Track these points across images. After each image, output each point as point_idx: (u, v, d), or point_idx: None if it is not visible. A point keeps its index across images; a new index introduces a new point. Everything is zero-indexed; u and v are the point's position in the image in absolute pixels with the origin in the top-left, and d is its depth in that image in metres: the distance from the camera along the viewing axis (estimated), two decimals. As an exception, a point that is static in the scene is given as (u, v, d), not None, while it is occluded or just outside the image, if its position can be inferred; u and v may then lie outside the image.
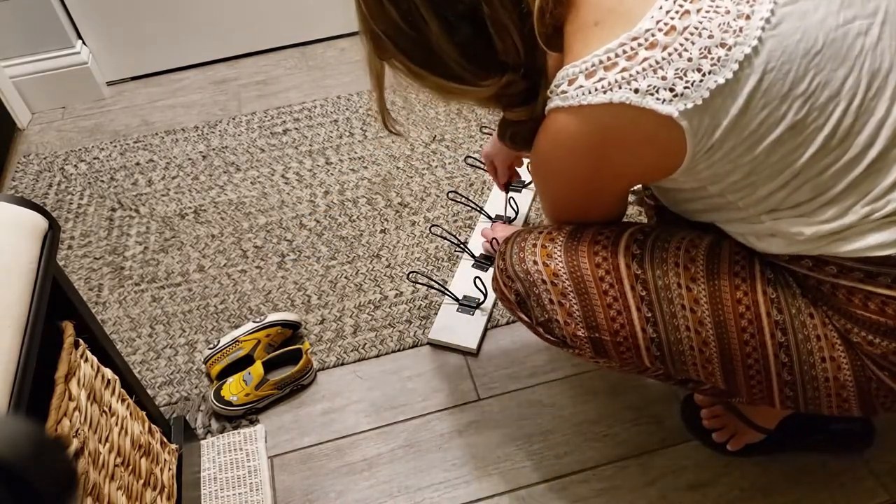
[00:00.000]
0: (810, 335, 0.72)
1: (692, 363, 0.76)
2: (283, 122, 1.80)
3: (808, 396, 0.75)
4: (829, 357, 0.72)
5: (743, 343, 0.73)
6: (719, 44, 0.60)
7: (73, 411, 0.68)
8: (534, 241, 0.81)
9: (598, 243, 0.77)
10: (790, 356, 0.73)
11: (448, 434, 1.10)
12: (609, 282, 0.76)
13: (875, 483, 0.99)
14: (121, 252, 1.47)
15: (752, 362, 0.74)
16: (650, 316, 0.75)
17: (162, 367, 1.24)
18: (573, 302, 0.78)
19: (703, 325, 0.74)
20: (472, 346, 1.20)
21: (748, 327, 0.73)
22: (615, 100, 0.62)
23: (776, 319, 0.72)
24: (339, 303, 1.31)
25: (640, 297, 0.75)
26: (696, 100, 0.61)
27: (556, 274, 0.78)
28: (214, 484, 1.05)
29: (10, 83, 1.85)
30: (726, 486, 1.00)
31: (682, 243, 0.76)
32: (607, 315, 0.77)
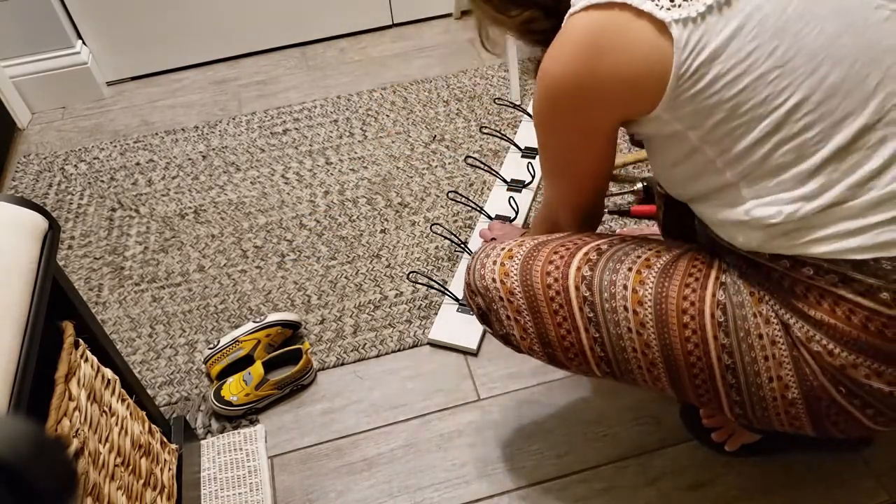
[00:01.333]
0: (758, 356, 0.72)
1: (642, 380, 0.80)
2: (283, 122, 1.80)
3: (757, 413, 0.75)
4: (776, 376, 0.71)
5: (690, 364, 0.75)
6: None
7: (73, 411, 0.68)
8: (494, 258, 0.85)
9: (552, 263, 0.81)
10: (737, 378, 0.73)
11: (448, 434, 1.10)
12: (559, 302, 0.80)
13: (875, 483, 0.99)
14: (121, 252, 1.47)
15: (699, 382, 0.76)
16: (597, 336, 0.79)
17: (162, 367, 1.24)
18: (527, 319, 0.82)
19: (649, 348, 0.76)
20: (472, 346, 1.20)
21: (694, 350, 0.74)
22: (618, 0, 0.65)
23: (723, 343, 0.73)
24: (339, 303, 1.31)
25: (588, 318, 0.78)
26: (692, 12, 0.63)
27: (512, 292, 0.82)
28: (214, 484, 1.05)
29: (10, 83, 1.85)
30: (726, 486, 1.00)
31: (636, 262, 0.78)
32: (558, 333, 0.81)
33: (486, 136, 1.66)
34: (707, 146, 0.69)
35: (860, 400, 0.69)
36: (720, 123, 0.66)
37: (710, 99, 0.65)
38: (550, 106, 0.77)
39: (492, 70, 1.88)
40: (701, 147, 0.69)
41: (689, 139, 0.70)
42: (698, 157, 0.71)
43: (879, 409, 0.69)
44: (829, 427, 0.73)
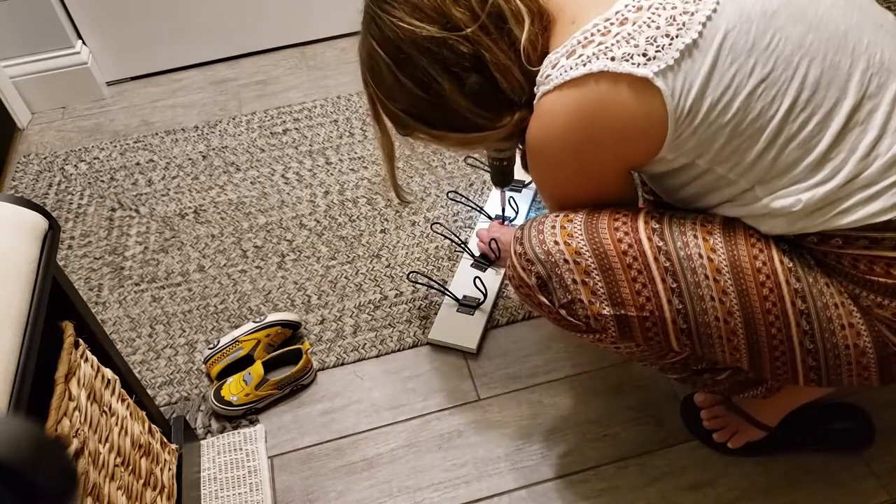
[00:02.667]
0: (828, 303, 0.73)
1: (717, 336, 0.76)
2: (283, 122, 1.80)
3: (829, 365, 0.75)
4: (847, 324, 0.73)
5: (766, 311, 0.74)
6: (682, 12, 0.67)
7: (73, 411, 0.68)
8: (552, 223, 0.80)
9: (616, 219, 0.78)
10: (811, 324, 0.74)
11: (448, 434, 1.10)
12: (633, 255, 0.75)
13: (875, 483, 0.99)
14: (121, 252, 1.47)
15: (775, 331, 0.74)
16: (675, 287, 0.75)
17: (162, 367, 1.24)
18: (597, 280, 0.76)
19: (726, 295, 0.74)
20: (472, 346, 1.20)
21: (770, 295, 0.73)
22: (594, 69, 0.68)
23: (795, 287, 0.73)
24: (339, 303, 1.31)
25: (665, 269, 0.75)
26: (668, 60, 0.66)
27: (579, 252, 0.77)
28: (214, 484, 1.05)
29: (10, 83, 1.85)
30: (726, 486, 1.00)
31: (696, 218, 0.77)
32: (632, 289, 0.76)
33: (486, 136, 1.66)
34: (717, 166, 0.72)
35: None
36: (725, 145, 0.70)
37: (710, 128, 0.69)
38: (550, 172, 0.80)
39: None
40: (711, 168, 0.73)
41: (698, 165, 0.73)
42: (709, 176, 0.74)
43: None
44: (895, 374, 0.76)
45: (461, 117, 0.80)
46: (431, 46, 0.75)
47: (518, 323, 1.24)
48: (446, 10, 0.74)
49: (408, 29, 0.75)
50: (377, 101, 0.85)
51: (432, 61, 0.76)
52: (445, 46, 0.75)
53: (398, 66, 0.78)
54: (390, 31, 0.76)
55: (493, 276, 1.31)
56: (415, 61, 0.76)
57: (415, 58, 0.76)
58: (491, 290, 1.27)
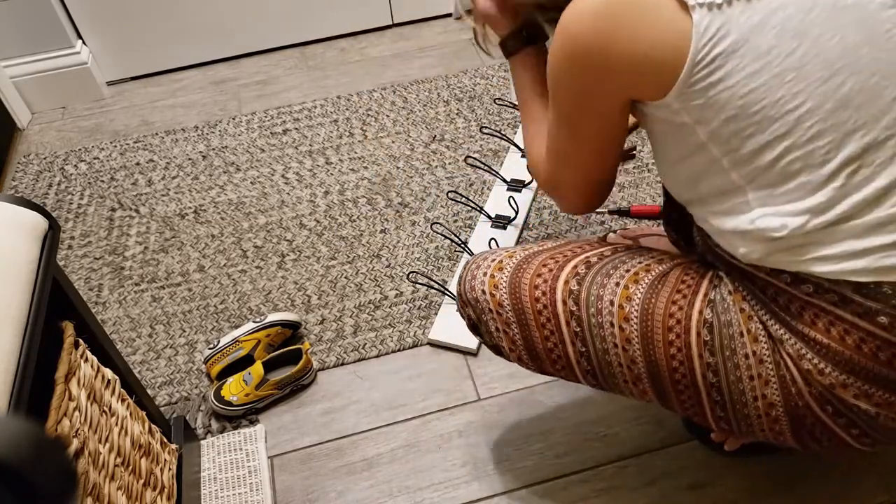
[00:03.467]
0: (743, 376, 0.72)
1: (629, 392, 0.81)
2: (283, 122, 1.80)
3: (738, 417, 0.75)
4: (760, 395, 0.72)
5: (675, 381, 0.76)
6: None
7: (73, 411, 0.68)
8: (485, 270, 0.86)
9: (540, 276, 0.82)
10: (722, 395, 0.74)
11: (448, 434, 1.10)
12: (546, 315, 0.81)
13: (875, 483, 0.99)
14: (121, 252, 1.47)
15: (685, 398, 0.77)
16: (584, 350, 0.80)
17: (162, 367, 1.24)
18: (515, 332, 0.84)
19: (634, 363, 0.77)
20: (472, 346, 1.20)
21: (679, 367, 0.75)
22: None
23: (708, 361, 0.73)
24: (339, 303, 1.31)
25: (574, 333, 0.80)
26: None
27: (501, 305, 0.84)
28: (214, 484, 1.05)
29: (10, 83, 1.85)
30: (726, 486, 1.00)
31: (624, 277, 0.78)
32: (545, 346, 0.83)
33: (486, 136, 1.66)
34: (713, 144, 0.68)
35: (846, 419, 0.69)
36: (729, 121, 0.65)
37: (722, 93, 0.64)
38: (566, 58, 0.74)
39: (492, 70, 1.88)
40: (707, 144, 0.68)
41: (696, 134, 0.68)
42: (704, 154, 0.70)
43: (864, 430, 0.69)
44: (811, 443, 0.74)
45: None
46: None
47: (518, 323, 1.24)
48: None
49: None
50: None
51: None
52: None
53: None
54: None
55: (493, 276, 1.31)
56: None
57: None
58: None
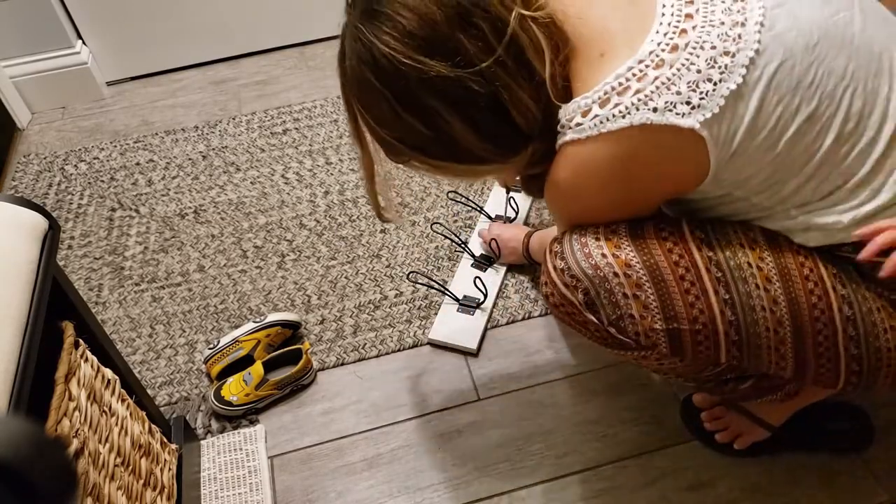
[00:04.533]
0: (872, 307, 0.73)
1: (766, 346, 0.74)
2: (283, 122, 1.80)
3: (871, 368, 0.74)
4: (889, 326, 0.72)
5: (814, 319, 0.72)
6: (723, 52, 0.63)
7: (73, 411, 0.68)
8: (595, 235, 0.76)
9: (662, 230, 0.75)
10: (857, 329, 0.73)
11: (448, 434, 1.10)
12: (685, 266, 0.73)
13: (875, 483, 0.99)
14: (121, 252, 1.47)
15: (822, 339, 0.73)
16: (727, 298, 0.73)
17: (162, 367, 1.24)
18: (649, 293, 0.73)
19: (776, 304, 0.72)
20: (472, 346, 1.20)
21: (818, 303, 0.72)
22: (635, 122, 0.64)
23: (842, 294, 0.72)
24: (339, 303, 1.31)
25: (717, 279, 0.73)
26: (713, 108, 0.63)
27: (629, 264, 0.73)
28: (214, 484, 1.05)
29: (10, 83, 1.85)
30: (726, 486, 1.00)
31: (736, 227, 0.76)
32: (685, 301, 0.73)
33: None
34: (753, 196, 0.71)
35: None
36: (766, 179, 0.69)
37: (752, 166, 0.68)
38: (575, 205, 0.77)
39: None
40: (747, 197, 0.72)
41: (732, 195, 0.72)
42: (742, 203, 0.73)
43: None
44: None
45: (470, 153, 0.72)
46: (440, 85, 0.66)
47: (518, 323, 1.24)
48: (457, 42, 0.65)
49: (413, 66, 0.66)
50: (363, 123, 0.75)
51: (442, 101, 0.68)
52: (457, 85, 0.66)
53: (400, 103, 0.69)
54: (389, 66, 0.67)
55: (494, 276, 1.31)
56: (421, 99, 0.68)
57: (421, 95, 0.67)
58: (491, 289, 1.27)
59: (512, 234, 1.28)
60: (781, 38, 0.64)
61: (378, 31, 0.67)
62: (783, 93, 0.64)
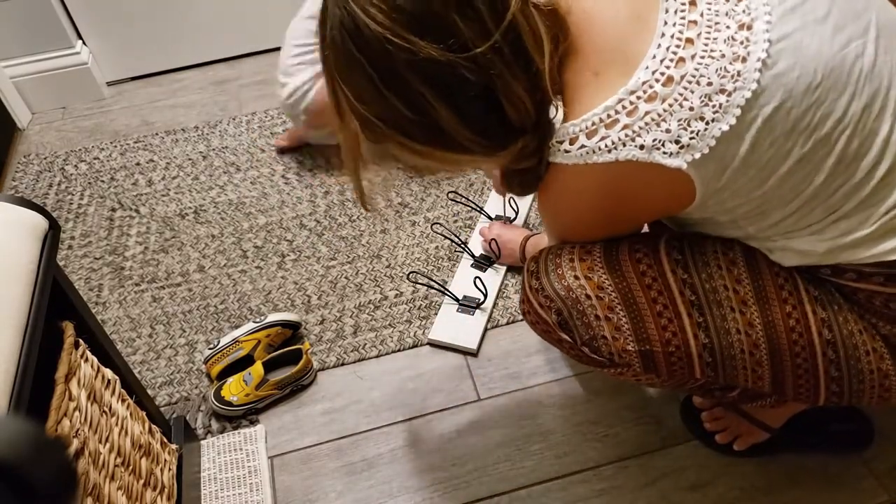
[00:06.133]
0: (853, 330, 0.71)
1: (742, 367, 0.74)
2: (283, 122, 1.79)
3: (853, 389, 0.74)
4: (871, 349, 0.72)
5: (792, 343, 0.72)
6: (719, 90, 0.60)
7: (73, 411, 0.68)
8: (570, 256, 0.76)
9: (637, 251, 0.75)
10: (837, 352, 0.72)
11: (448, 434, 1.10)
12: (657, 289, 0.73)
13: (875, 483, 0.98)
14: (121, 252, 1.47)
15: (800, 361, 0.73)
16: (701, 321, 0.73)
17: (162, 367, 1.24)
18: (621, 315, 0.74)
19: (752, 327, 0.72)
20: (472, 346, 1.20)
21: (796, 326, 0.72)
22: (621, 158, 0.62)
23: (822, 317, 0.71)
24: (340, 303, 1.31)
25: (690, 302, 0.73)
26: (703, 149, 0.61)
27: (601, 287, 0.74)
28: (214, 484, 1.05)
29: (10, 83, 1.85)
30: (726, 486, 1.00)
31: (716, 247, 0.75)
32: (658, 324, 0.73)
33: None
34: (740, 221, 0.70)
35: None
36: (750, 211, 0.68)
37: (737, 199, 0.66)
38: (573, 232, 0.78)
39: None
40: (734, 221, 0.71)
41: (721, 219, 0.71)
42: (730, 227, 0.73)
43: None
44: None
45: (454, 141, 0.65)
46: (429, 69, 0.60)
47: (518, 323, 1.24)
48: (451, 23, 0.59)
49: (403, 46, 0.59)
50: (342, 96, 0.68)
51: (429, 85, 0.61)
52: (448, 71, 0.60)
53: (384, 82, 0.62)
54: (375, 42, 0.60)
55: (493, 276, 1.31)
56: (408, 81, 0.61)
57: (408, 77, 0.61)
58: (491, 290, 1.27)
59: (511, 237, 1.29)
60: (782, 79, 0.60)
61: (365, 2, 0.60)
62: (777, 135, 0.61)
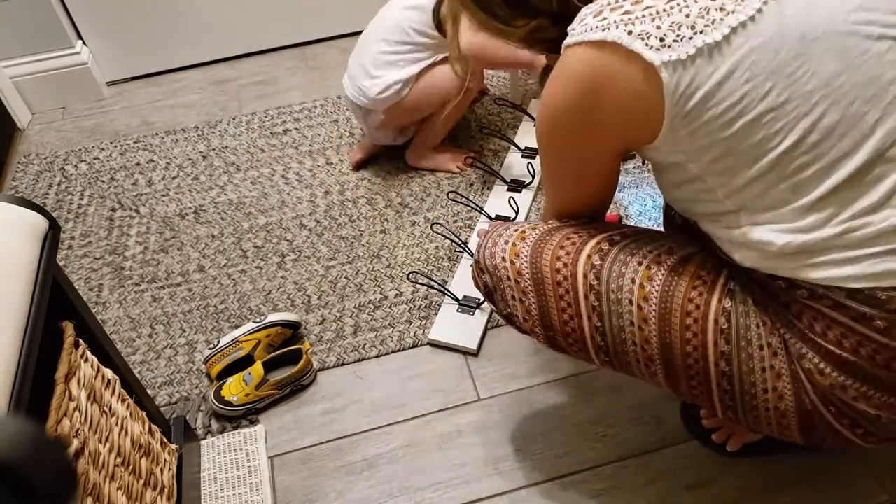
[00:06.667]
0: (755, 367, 0.72)
1: (639, 373, 0.81)
2: (283, 122, 1.80)
3: (746, 408, 0.75)
4: (771, 388, 0.72)
5: (687, 366, 0.75)
6: (719, 7, 0.62)
7: (73, 411, 0.68)
8: (507, 238, 0.85)
9: (562, 248, 0.81)
10: (730, 365, 0.73)
11: (448, 434, 1.10)
12: (565, 287, 0.80)
13: (875, 483, 0.99)
14: (121, 252, 1.47)
15: (695, 384, 0.76)
16: (599, 326, 0.79)
17: (162, 367, 1.24)
18: (532, 301, 0.83)
19: (649, 344, 0.76)
20: (472, 346, 1.20)
21: (693, 353, 0.74)
22: (608, 38, 0.65)
23: (722, 327, 0.72)
24: (339, 303, 1.31)
25: (592, 307, 0.78)
26: (681, 54, 0.62)
27: (520, 273, 0.83)
28: (214, 484, 1.05)
29: (10, 83, 1.85)
30: (726, 486, 1.00)
31: (647, 257, 0.77)
32: (560, 318, 0.81)
33: (487, 136, 1.66)
34: (708, 177, 0.70)
35: (849, 420, 0.69)
36: (717, 160, 0.67)
37: (705, 138, 0.66)
38: (553, 131, 0.78)
39: (492, 70, 1.88)
40: (702, 177, 0.70)
41: (689, 169, 0.71)
42: (699, 184, 0.72)
43: (868, 430, 0.70)
44: (817, 440, 0.74)
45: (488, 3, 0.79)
46: None
47: (518, 323, 1.24)
48: None
49: None
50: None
51: None
52: None
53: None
54: None
55: (493, 276, 1.31)
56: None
57: None
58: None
59: None
60: (782, 17, 0.61)
61: None
62: (757, 71, 0.61)
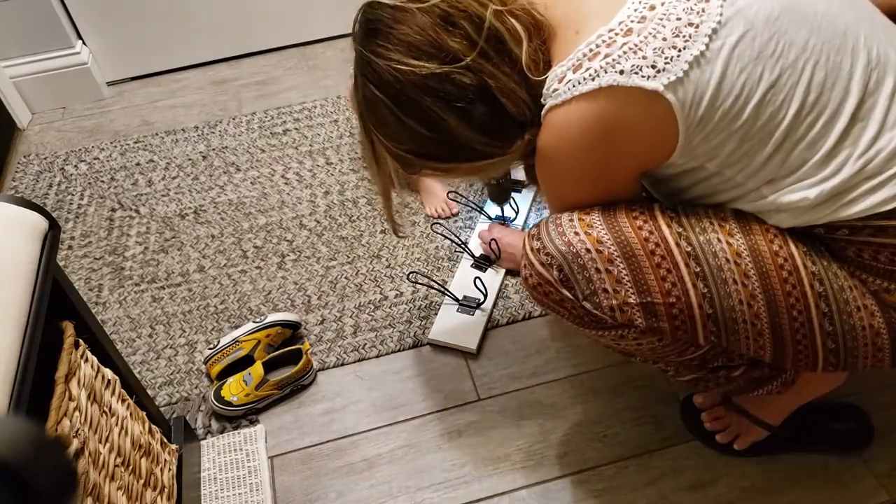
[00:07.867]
0: (843, 285, 0.75)
1: (742, 320, 0.75)
2: (283, 122, 1.80)
3: (847, 347, 0.76)
4: (862, 305, 0.75)
5: (786, 293, 0.74)
6: (687, 23, 0.67)
7: (73, 411, 0.68)
8: (570, 217, 0.79)
9: (633, 210, 0.78)
10: (829, 306, 0.74)
11: (448, 434, 1.10)
12: (654, 241, 0.75)
13: (875, 483, 0.99)
14: (121, 252, 1.47)
15: (796, 314, 0.75)
16: (699, 271, 0.74)
17: (162, 368, 1.24)
18: (621, 267, 0.75)
19: (748, 278, 0.74)
20: (472, 346, 1.20)
21: (789, 278, 0.74)
22: (603, 84, 0.68)
23: (812, 270, 0.74)
24: (339, 303, 1.31)
25: (687, 254, 0.75)
26: (677, 72, 0.66)
27: (601, 241, 0.76)
28: (214, 484, 1.05)
29: (10, 83, 1.85)
30: (726, 486, 1.00)
31: (707, 208, 0.78)
32: (657, 275, 0.75)
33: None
34: (726, 169, 0.73)
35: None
36: (735, 150, 0.71)
37: (720, 134, 0.70)
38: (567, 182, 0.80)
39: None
40: (720, 171, 0.74)
41: (706, 169, 0.75)
42: (716, 178, 0.75)
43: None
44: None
45: (470, 149, 0.78)
46: (433, 84, 0.73)
47: (518, 323, 1.25)
48: (442, 42, 0.72)
49: (407, 70, 0.73)
50: (379, 144, 0.83)
51: (436, 99, 0.74)
52: (448, 81, 0.73)
53: (401, 109, 0.76)
54: (389, 75, 0.74)
55: (493, 277, 1.31)
56: (418, 101, 0.74)
57: (418, 98, 0.74)
58: (491, 290, 1.27)
59: (512, 240, 1.29)
60: (743, 12, 0.67)
61: (374, 48, 0.75)
62: (746, 62, 0.67)
